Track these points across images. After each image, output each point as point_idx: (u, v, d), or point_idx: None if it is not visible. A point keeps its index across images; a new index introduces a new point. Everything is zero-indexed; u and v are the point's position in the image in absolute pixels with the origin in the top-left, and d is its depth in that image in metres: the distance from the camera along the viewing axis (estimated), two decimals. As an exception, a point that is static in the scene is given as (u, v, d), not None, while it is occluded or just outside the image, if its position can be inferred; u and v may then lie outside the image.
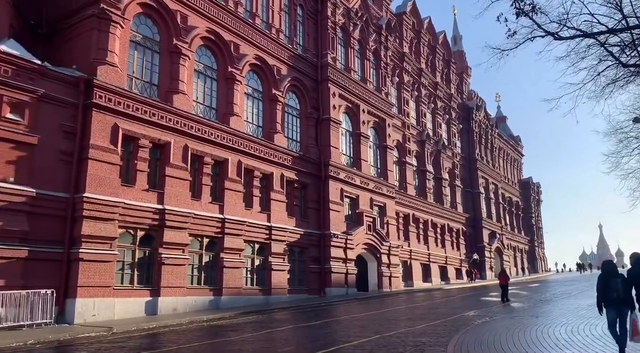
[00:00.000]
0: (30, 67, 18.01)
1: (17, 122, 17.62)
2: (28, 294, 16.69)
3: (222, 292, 23.63)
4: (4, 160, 17.20)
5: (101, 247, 18.99)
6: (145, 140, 21.32)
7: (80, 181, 18.95)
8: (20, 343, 13.98)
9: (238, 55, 26.84)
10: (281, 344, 12.84)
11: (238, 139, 25.78)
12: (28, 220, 17.55)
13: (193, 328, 17.25)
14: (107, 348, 12.92)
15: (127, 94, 20.70)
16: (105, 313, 18.68)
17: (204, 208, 23.50)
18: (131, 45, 21.91)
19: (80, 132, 19.24)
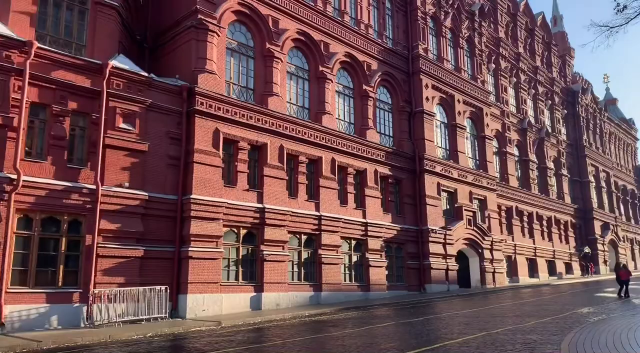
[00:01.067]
0: (138, 79, 19.42)
1: (129, 131, 19.07)
2: (145, 290, 18.04)
3: (321, 288, 24.04)
4: (119, 166, 18.70)
5: (208, 245, 20.07)
6: (244, 143, 22.21)
7: (187, 183, 20.14)
8: (141, 335, 15.16)
9: (328, 54, 27.11)
10: (383, 340, 12.80)
11: (331, 136, 26.06)
12: (142, 221, 18.95)
13: (296, 323, 17.71)
14: (217, 341, 13.62)
15: (226, 99, 21.67)
16: (214, 308, 19.71)
17: (300, 206, 24.03)
18: (227, 52, 22.89)
19: (185, 138, 20.46)
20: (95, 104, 18.36)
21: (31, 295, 16.35)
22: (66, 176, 17.51)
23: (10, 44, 16.51)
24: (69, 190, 17.40)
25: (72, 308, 16.94)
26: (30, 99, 16.93)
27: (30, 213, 16.77)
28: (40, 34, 18.29)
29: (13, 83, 16.58)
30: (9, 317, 15.65)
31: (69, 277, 17.30)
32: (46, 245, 17.13)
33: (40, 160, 17.19)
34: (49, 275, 16.97)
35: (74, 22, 19.43)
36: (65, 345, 13.60)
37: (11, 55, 16.56)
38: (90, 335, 14.81)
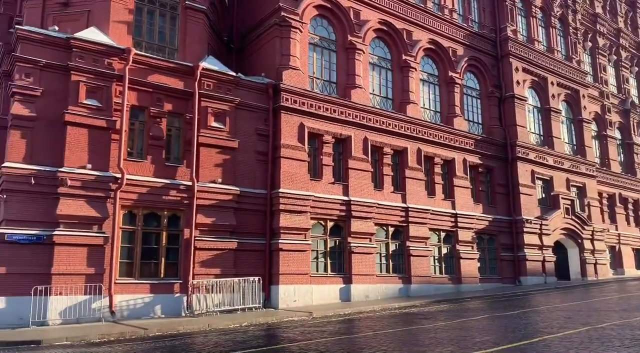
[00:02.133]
0: (227, 79, 20.17)
1: (220, 129, 19.88)
2: (240, 281, 18.78)
3: (411, 280, 23.78)
4: (212, 163, 19.55)
5: (297, 237, 20.51)
6: (328, 136, 22.40)
7: (275, 178, 20.68)
8: (237, 324, 15.83)
9: (411, 42, 26.61)
10: (478, 333, 12.45)
11: (416, 126, 25.60)
12: (235, 215, 19.71)
13: (386, 315, 17.66)
14: (309, 331, 13.92)
15: (309, 94, 21.97)
16: (304, 299, 20.13)
17: (386, 198, 23.86)
18: (310, 47, 23.15)
19: (272, 134, 21.00)
20: (189, 105, 19.30)
21: (137, 285, 17.59)
22: (165, 174, 18.59)
23: (111, 52, 17.78)
24: (168, 187, 18.46)
25: (173, 298, 18.01)
26: (130, 103, 18.13)
27: (134, 210, 18.01)
28: (136, 40, 19.49)
29: (115, 88, 17.84)
30: (119, 306, 16.93)
31: (169, 268, 18.41)
32: (148, 238, 18.32)
33: (140, 159, 18.39)
34: (152, 267, 18.15)
35: (167, 27, 20.52)
36: (169, 333, 14.49)
37: (112, 62, 17.83)
38: (191, 324, 15.68)
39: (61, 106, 16.90)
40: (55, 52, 17.10)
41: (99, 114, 17.39)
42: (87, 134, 17.17)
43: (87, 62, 17.39)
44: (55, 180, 16.40)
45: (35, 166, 16.32)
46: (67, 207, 16.48)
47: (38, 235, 16.00)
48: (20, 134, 16.42)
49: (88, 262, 16.53)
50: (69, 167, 16.62)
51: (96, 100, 17.45)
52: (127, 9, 19.33)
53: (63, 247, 16.22)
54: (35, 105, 16.68)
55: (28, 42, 16.81)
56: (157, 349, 12.10)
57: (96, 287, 16.36)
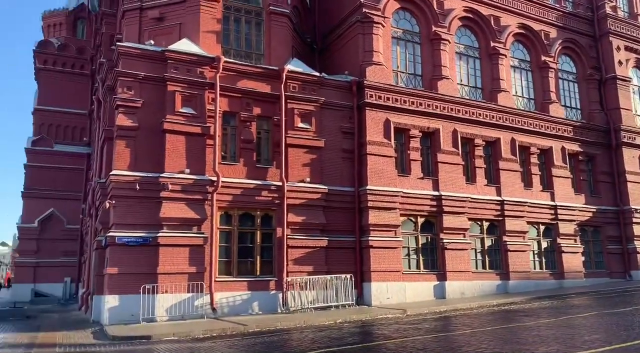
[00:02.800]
0: (311, 79, 20.45)
1: (307, 130, 20.19)
2: (332, 278, 18.98)
3: (509, 276, 22.81)
4: (300, 163, 19.91)
5: (387, 234, 20.36)
6: (415, 130, 22.03)
7: (362, 175, 20.66)
8: (331, 321, 16.00)
9: (499, 28, 25.48)
10: (586, 331, 11.70)
11: (508, 115, 24.49)
12: (324, 213, 19.94)
13: (483, 312, 17.08)
14: (404, 328, 13.78)
15: (394, 89, 21.72)
16: (398, 296, 19.94)
17: (479, 192, 23.05)
18: (393, 42, 22.88)
19: (357, 131, 20.99)
20: (276, 107, 19.78)
21: (235, 283, 18.31)
22: (256, 175, 19.20)
23: (203, 61, 18.64)
24: (260, 188, 19.05)
25: (269, 295, 18.56)
26: (222, 109, 18.90)
27: (230, 210, 18.76)
28: (225, 48, 20.27)
29: (207, 96, 18.68)
30: (219, 303, 17.71)
31: (265, 266, 18.99)
32: (244, 238, 19.01)
33: (234, 162, 19.12)
34: (248, 265, 18.82)
35: (252, 34, 21.16)
36: (267, 329, 14.95)
37: (204, 71, 18.68)
38: (287, 320, 16.08)
39: (160, 115, 17.96)
40: (152, 65, 18.20)
41: (194, 121, 18.29)
42: (184, 140, 18.11)
43: (181, 72, 18.35)
44: (157, 185, 17.46)
45: (139, 173, 17.45)
46: (169, 210, 17.49)
47: (144, 237, 17.12)
48: (124, 143, 17.65)
49: (190, 261, 17.46)
50: (169, 172, 17.63)
51: (191, 108, 18.37)
52: (215, 18, 20.16)
53: (167, 247, 17.23)
54: (137, 115, 17.85)
55: (128, 57, 18.03)
56: (257, 345, 12.53)
57: (198, 285, 17.25)
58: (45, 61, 35.69)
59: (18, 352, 12.35)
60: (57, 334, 15.34)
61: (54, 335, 15.09)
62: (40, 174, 33.34)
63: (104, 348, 12.65)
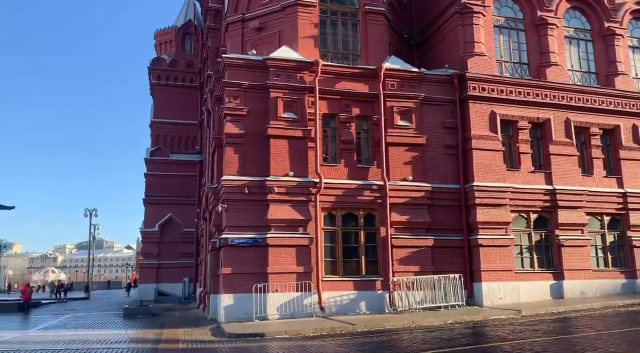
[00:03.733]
0: (410, 76, 20.16)
1: (407, 127, 19.93)
2: (440, 278, 18.54)
3: (636, 275, 20.96)
4: (401, 161, 19.69)
5: (497, 232, 19.52)
6: (523, 122, 20.93)
7: (468, 171, 19.98)
8: (441, 322, 15.63)
9: (614, 6, 23.48)
10: None
11: (628, 100, 22.48)
12: (429, 212, 19.55)
13: (608, 313, 15.82)
14: (520, 330, 13.12)
15: (498, 79, 20.80)
16: (511, 296, 19.03)
17: (598, 184, 21.39)
18: (495, 30, 21.90)
19: (460, 125, 20.36)
20: (375, 106, 19.74)
21: (341, 283, 18.51)
22: (357, 175, 19.29)
23: (302, 67, 19.10)
24: (361, 187, 19.12)
25: (375, 295, 18.53)
26: (321, 111, 19.23)
27: (333, 211, 19.01)
28: (322, 52, 20.59)
29: (307, 100, 19.09)
30: (327, 302, 18.00)
31: (370, 266, 18.99)
32: (348, 238, 19.17)
33: (335, 163, 19.36)
34: (353, 265, 18.94)
35: (349, 35, 21.30)
36: (375, 329, 14.94)
37: (303, 75, 19.12)
38: (395, 321, 15.95)
39: (264, 121, 18.63)
40: (255, 73, 18.94)
41: (295, 125, 18.78)
42: (287, 144, 18.65)
43: (282, 78, 18.92)
44: (264, 188, 18.13)
45: (247, 177, 18.23)
46: (276, 212, 18.09)
47: (254, 239, 17.85)
48: (233, 149, 18.53)
49: (297, 261, 17.92)
50: (274, 175, 18.24)
51: (292, 112, 18.87)
52: (312, 23, 20.55)
53: (275, 248, 17.84)
54: (243, 123, 18.66)
55: (233, 68, 18.91)
56: (367, 344, 12.57)
57: (306, 284, 17.66)
58: (158, 77, 38.50)
59: (147, 346, 13.42)
60: (179, 331, 16.46)
61: (177, 332, 16.20)
62: (159, 182, 36.01)
63: (221, 345, 13.35)
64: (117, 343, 14.10)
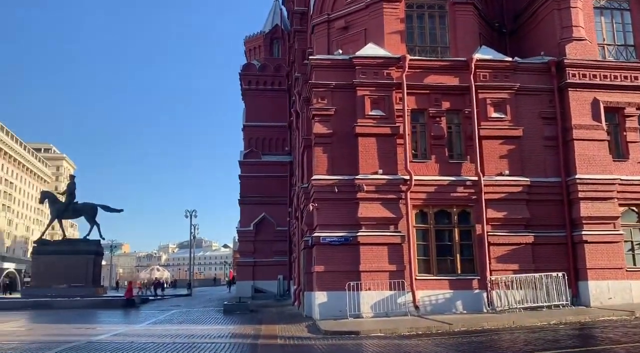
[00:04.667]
0: (503, 66, 19.33)
1: (501, 119, 19.13)
2: (541, 277, 17.62)
3: None
4: (496, 155, 18.93)
5: (604, 227, 18.24)
6: (631, 109, 19.37)
7: (569, 163, 18.83)
8: (544, 323, 14.84)
9: None
10: None
11: None
12: (527, 207, 18.62)
13: None
14: (635, 332, 12.17)
15: (601, 64, 19.41)
16: (622, 296, 17.71)
17: None
18: (596, 13, 20.44)
19: (559, 115, 19.21)
20: (466, 99, 19.14)
21: (435, 281, 18.14)
22: (449, 171, 18.81)
23: (388, 63, 18.95)
24: (454, 184, 18.62)
25: (472, 294, 17.97)
26: (409, 107, 18.96)
27: (424, 208, 18.69)
28: (409, 46, 20.28)
29: (395, 96, 18.90)
30: (421, 301, 17.72)
31: (465, 264, 18.45)
32: (441, 235, 18.74)
33: (425, 160, 19.01)
34: (447, 263, 18.49)
35: (436, 27, 20.81)
36: (473, 329, 14.49)
37: (390, 72, 18.96)
38: (494, 321, 15.37)
39: (351, 120, 18.68)
40: (341, 73, 19.06)
41: (383, 122, 18.65)
42: (375, 142, 18.57)
43: (368, 76, 18.88)
44: (353, 187, 18.18)
45: (337, 176, 18.37)
46: (366, 210, 18.08)
47: (345, 237, 17.96)
48: (322, 149, 18.77)
49: (389, 259, 17.80)
50: (363, 174, 18.24)
51: (380, 110, 18.76)
52: (398, 19, 20.31)
53: (366, 246, 17.83)
54: (331, 122, 18.84)
55: (319, 68, 19.16)
56: (465, 344, 12.21)
57: (399, 283, 17.49)
58: (249, 82, 39.88)
59: (247, 341, 13.94)
60: (276, 327, 16.94)
61: (274, 328, 16.69)
62: (252, 183, 37.31)
63: (317, 341, 13.57)
64: (219, 337, 14.77)
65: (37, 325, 20.06)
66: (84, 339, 14.56)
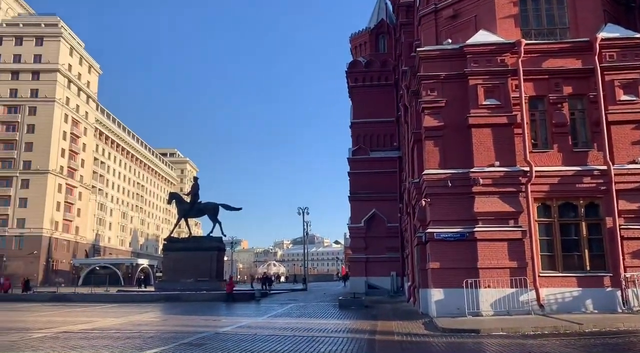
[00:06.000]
0: (633, 43, 17.65)
1: (632, 102, 17.48)
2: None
3: None
4: (628, 141, 17.34)
5: None
6: None
7: None
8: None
9: None
10: None
11: None
12: (667, 198, 16.82)
13: None
14: None
15: None
16: None
17: None
18: None
19: None
20: (590, 83, 17.73)
21: (561, 279, 17.01)
22: (574, 161, 17.54)
23: (502, 49, 18.06)
24: (579, 174, 17.33)
25: (604, 293, 16.60)
26: (527, 94, 17.93)
27: (547, 201, 17.59)
28: (524, 31, 19.13)
29: (510, 83, 17.97)
30: (546, 299, 16.70)
31: (595, 260, 17.10)
32: (566, 230, 17.53)
33: (546, 149, 17.89)
34: (574, 259, 17.26)
35: (553, 8, 19.39)
36: (606, 330, 13.39)
37: (504, 58, 18.06)
38: (631, 321, 14.14)
39: (463, 111, 18.07)
40: (451, 63, 18.50)
41: (498, 112, 17.82)
42: (490, 132, 17.80)
43: (481, 64, 18.13)
44: (468, 181, 17.57)
45: (449, 170, 17.88)
46: (483, 205, 17.40)
47: (461, 233, 17.43)
48: (433, 143, 18.37)
49: (509, 255, 16.97)
50: (478, 166, 17.57)
51: (494, 98, 17.95)
52: (511, 2, 19.23)
53: (484, 242, 17.15)
54: (442, 115, 18.37)
55: (428, 60, 18.75)
56: (598, 346, 11.33)
57: (520, 280, 16.61)
58: (355, 79, 40.01)
59: (365, 336, 14.04)
60: (392, 323, 16.88)
61: (390, 324, 16.65)
62: (361, 179, 37.44)
63: (435, 339, 13.31)
64: (337, 332, 15.04)
65: (170, 316, 21.78)
66: (212, 330, 15.57)
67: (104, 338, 13.81)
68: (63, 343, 12.74)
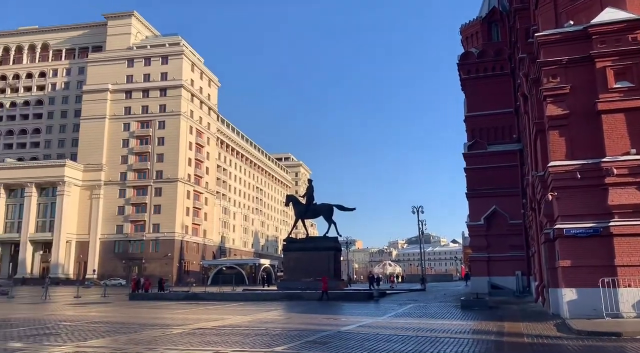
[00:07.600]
0: None
1: None
2: None
3: None
4: None
5: None
6: None
7: None
8: None
9: None
10: None
11: None
12: None
13: None
14: None
15: None
16: None
17: None
18: None
19: None
20: None
21: None
22: None
23: (633, 26, 16.50)
24: None
25: None
26: (666, 73, 16.13)
27: (697, 191, 15.67)
28: (660, 3, 17.28)
29: (645, 63, 16.30)
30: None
31: None
32: None
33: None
34: None
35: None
36: None
37: (636, 36, 16.45)
38: None
39: (590, 97, 16.73)
40: (574, 46, 17.22)
41: (633, 95, 16.26)
42: (624, 118, 16.30)
43: (609, 45, 16.67)
44: (599, 171, 16.22)
45: (577, 161, 16.63)
46: (618, 197, 15.96)
47: (594, 228, 16.12)
48: (557, 133, 17.20)
49: (653, 252, 15.40)
50: (611, 156, 16.15)
51: (627, 81, 16.43)
52: (641, -27, 17.50)
53: (622, 237, 15.73)
54: (566, 102, 17.14)
55: (548, 45, 17.60)
56: None
57: (668, 279, 15.01)
58: (468, 71, 38.60)
59: (491, 338, 13.49)
60: (520, 324, 16.03)
61: (518, 325, 15.82)
62: (479, 175, 35.99)
63: (570, 342, 12.42)
64: (460, 333, 14.60)
65: (293, 314, 22.54)
66: (334, 329, 15.86)
67: (235, 335, 14.65)
68: (199, 339, 13.71)
